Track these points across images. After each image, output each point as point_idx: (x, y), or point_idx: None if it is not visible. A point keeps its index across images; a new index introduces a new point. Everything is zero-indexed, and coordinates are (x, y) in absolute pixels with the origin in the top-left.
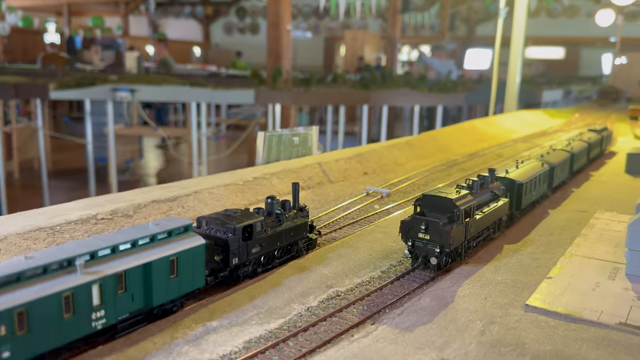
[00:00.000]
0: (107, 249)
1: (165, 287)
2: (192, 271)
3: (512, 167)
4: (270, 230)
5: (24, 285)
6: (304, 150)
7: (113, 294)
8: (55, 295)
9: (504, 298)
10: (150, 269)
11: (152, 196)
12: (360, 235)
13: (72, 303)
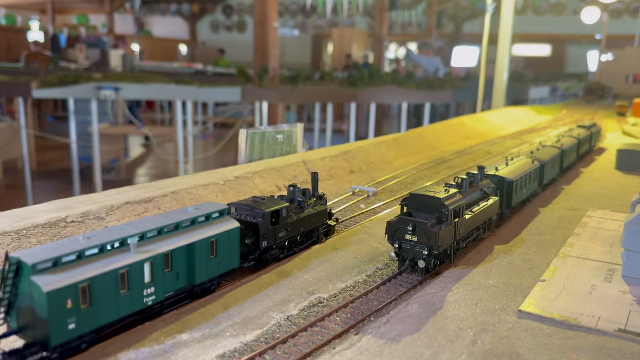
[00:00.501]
0: (154, 231)
1: (206, 266)
2: (229, 252)
3: (502, 164)
4: (294, 216)
5: (85, 263)
6: (289, 148)
7: (161, 272)
8: (113, 272)
9: (495, 303)
10: (193, 249)
11: (126, 197)
12: (345, 236)
13: (127, 280)
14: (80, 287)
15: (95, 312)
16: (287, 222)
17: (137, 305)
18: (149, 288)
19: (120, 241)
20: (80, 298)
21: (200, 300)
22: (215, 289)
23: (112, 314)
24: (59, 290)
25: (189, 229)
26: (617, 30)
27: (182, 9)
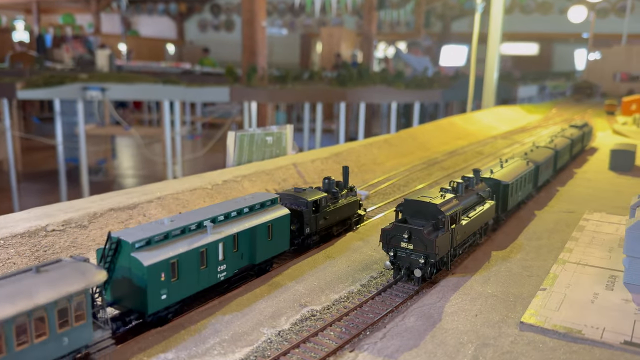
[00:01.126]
0: (222, 216)
1: (264, 247)
2: (282, 236)
3: (497, 166)
4: (331, 205)
5: (171, 242)
6: (278, 151)
7: (231, 251)
8: (195, 250)
9: (496, 314)
10: (255, 232)
11: (110, 203)
12: (337, 243)
13: (205, 257)
14: (171, 262)
15: (182, 285)
16: (325, 210)
17: (212, 280)
18: (222, 265)
19: (198, 224)
20: (170, 272)
21: (184, 315)
22: (270, 269)
23: (194, 287)
24: (156, 265)
25: (249, 215)
26: (604, 29)
27: (170, 8)
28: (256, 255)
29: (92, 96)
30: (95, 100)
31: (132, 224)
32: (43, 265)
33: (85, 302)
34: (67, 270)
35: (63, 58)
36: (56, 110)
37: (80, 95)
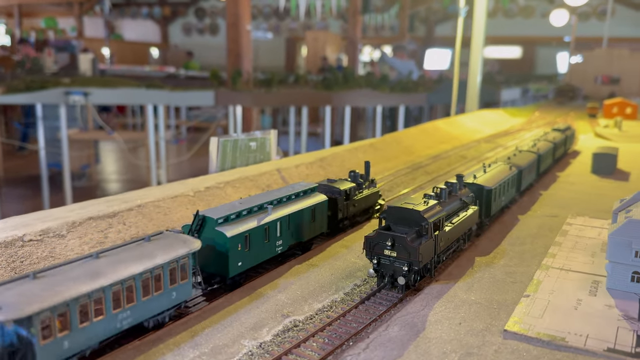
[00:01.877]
0: (276, 200)
1: (308, 228)
2: (321, 219)
3: (480, 171)
4: (358, 194)
5: (243, 220)
6: (262, 156)
7: (286, 229)
8: (262, 226)
9: (480, 322)
10: (302, 214)
11: (89, 212)
12: (321, 251)
13: (268, 233)
14: (245, 235)
15: (252, 254)
16: (354, 199)
17: (272, 253)
18: (279, 240)
19: (260, 206)
20: (244, 243)
21: (165, 328)
22: (312, 248)
23: (260, 257)
24: (235, 237)
25: (296, 200)
26: (585, 33)
27: (154, 12)
28: (303, 234)
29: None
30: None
31: (111, 233)
32: (152, 236)
33: (188, 264)
34: (172, 240)
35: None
36: (38, 115)
37: (62, 99)
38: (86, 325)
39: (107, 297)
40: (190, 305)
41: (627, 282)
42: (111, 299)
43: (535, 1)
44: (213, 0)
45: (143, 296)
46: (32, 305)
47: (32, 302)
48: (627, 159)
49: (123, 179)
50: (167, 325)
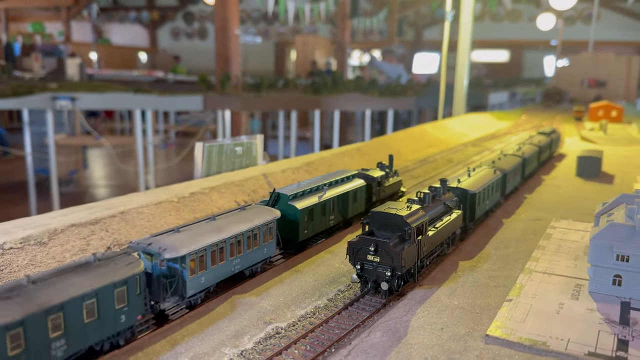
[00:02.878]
0: (329, 183)
1: (351, 207)
2: (361, 200)
3: (464, 175)
4: (386, 181)
5: (307, 197)
6: (248, 161)
7: (337, 207)
8: (321, 203)
9: (462, 327)
10: (348, 195)
11: (71, 219)
12: (305, 256)
13: (326, 209)
14: (309, 209)
15: (313, 225)
16: (384, 185)
17: (327, 225)
18: (332, 215)
19: (318, 187)
20: (309, 215)
21: (144, 337)
22: (352, 224)
23: (318, 228)
24: (304, 209)
25: (342, 184)
26: (572, 36)
27: (142, 16)
28: (348, 212)
29: (61, 106)
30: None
31: (94, 240)
32: (246, 206)
33: (274, 228)
34: (261, 209)
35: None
36: (24, 120)
37: (49, 104)
38: (215, 266)
39: (227, 246)
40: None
41: (609, 286)
42: (229, 249)
43: (522, 5)
44: (202, 5)
45: (247, 249)
46: (184, 248)
47: (183, 247)
48: (612, 161)
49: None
50: (146, 334)
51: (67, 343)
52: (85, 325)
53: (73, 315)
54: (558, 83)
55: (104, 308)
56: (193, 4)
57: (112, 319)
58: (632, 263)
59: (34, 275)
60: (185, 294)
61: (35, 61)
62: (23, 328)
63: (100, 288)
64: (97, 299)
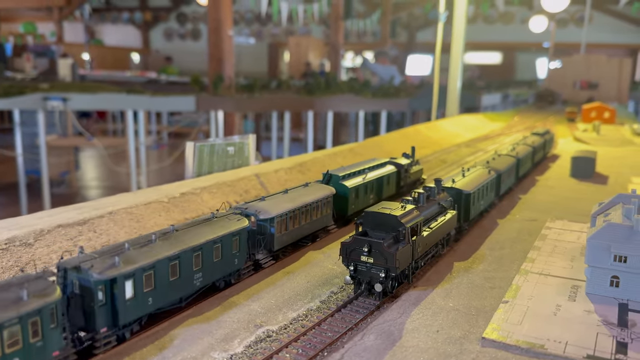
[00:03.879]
0: (368, 167)
1: (385, 189)
2: (392, 184)
3: (459, 175)
4: (410, 169)
5: (353, 178)
6: (240, 161)
7: (375, 188)
8: (364, 184)
9: (457, 330)
10: (383, 179)
11: (58, 219)
12: (297, 257)
13: (367, 189)
14: (356, 188)
15: (358, 202)
16: (409, 172)
17: (368, 203)
18: (371, 194)
19: (360, 170)
20: (355, 194)
21: (131, 340)
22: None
23: (361, 205)
24: (352, 188)
25: (377, 168)
26: (564, 39)
27: (135, 17)
28: (383, 194)
29: (53, 106)
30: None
31: (81, 241)
32: (308, 184)
33: (331, 202)
34: (320, 186)
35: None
36: (15, 121)
37: (40, 105)
38: (296, 227)
39: (299, 214)
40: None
41: (607, 287)
42: (301, 216)
43: (515, 7)
44: (195, 6)
45: (314, 217)
46: (273, 212)
47: (273, 210)
48: (606, 162)
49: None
50: (134, 337)
51: (202, 276)
52: (214, 264)
53: (207, 254)
54: (550, 85)
55: (226, 251)
56: (186, 5)
57: (230, 261)
58: (629, 264)
59: (178, 225)
60: (273, 247)
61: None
62: (178, 260)
63: (224, 235)
64: (222, 244)
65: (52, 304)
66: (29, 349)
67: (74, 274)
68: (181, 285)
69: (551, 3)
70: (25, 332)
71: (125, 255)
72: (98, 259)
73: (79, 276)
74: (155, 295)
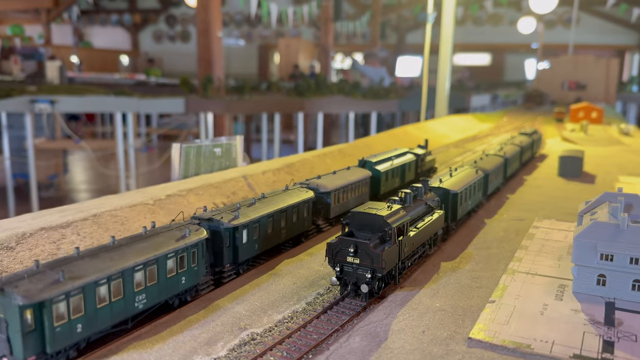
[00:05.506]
0: (394, 155)
1: (407, 175)
2: (411, 170)
3: (446, 175)
4: (425, 158)
5: (383, 163)
6: (228, 162)
7: (400, 173)
8: (392, 168)
9: (444, 330)
10: (405, 166)
11: (41, 222)
12: (283, 259)
13: (394, 173)
14: (386, 172)
15: (388, 184)
16: (424, 161)
17: (394, 185)
18: (397, 179)
19: (388, 158)
20: (386, 176)
21: (111, 345)
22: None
23: (389, 186)
24: (384, 172)
25: (401, 156)
26: (552, 40)
27: (124, 19)
28: (405, 178)
29: (40, 109)
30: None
31: (64, 244)
32: (347, 168)
33: (368, 183)
34: (359, 170)
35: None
36: (2, 124)
37: (28, 108)
38: (344, 200)
39: (348, 190)
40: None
41: (593, 286)
42: (350, 192)
43: (504, 9)
44: (184, 8)
45: (357, 194)
46: (330, 186)
47: (330, 185)
48: (593, 161)
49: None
50: (114, 341)
51: (286, 232)
52: (294, 224)
53: (276, 221)
54: (539, 86)
55: (300, 215)
56: (175, 7)
57: (304, 222)
58: (616, 262)
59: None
60: (329, 215)
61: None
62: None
63: (300, 202)
64: (298, 209)
65: (203, 240)
66: (190, 271)
67: (207, 223)
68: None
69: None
70: (189, 258)
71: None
72: (224, 213)
73: (210, 224)
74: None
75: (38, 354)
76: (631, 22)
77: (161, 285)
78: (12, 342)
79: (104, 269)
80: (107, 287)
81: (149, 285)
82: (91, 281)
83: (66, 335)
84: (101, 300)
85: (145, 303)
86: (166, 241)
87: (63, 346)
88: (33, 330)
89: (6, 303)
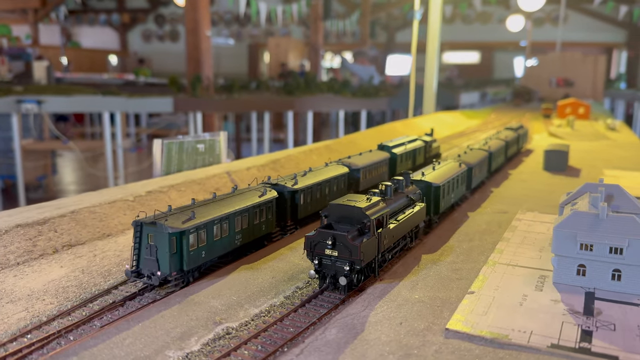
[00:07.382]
0: (408, 140)
1: (417, 159)
2: (421, 155)
3: (429, 169)
4: (432, 144)
5: (399, 147)
6: (212, 159)
7: (412, 156)
8: (407, 152)
9: (421, 322)
10: (416, 151)
11: (17, 219)
12: (262, 253)
13: (407, 156)
14: (401, 155)
15: (402, 165)
16: (431, 147)
17: (407, 167)
18: (409, 161)
19: (403, 143)
20: (401, 160)
21: (82, 341)
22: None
23: (404, 168)
24: (399, 155)
25: (413, 142)
26: (540, 37)
27: (112, 19)
28: (415, 162)
29: (27, 109)
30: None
31: (41, 241)
32: (369, 151)
33: (387, 164)
34: (380, 152)
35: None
36: None
37: (14, 108)
38: (370, 177)
39: (372, 169)
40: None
41: (573, 276)
42: (374, 169)
43: (492, 7)
44: (173, 7)
45: (379, 171)
46: (360, 164)
47: (359, 163)
48: (579, 156)
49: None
50: (87, 337)
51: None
52: (334, 192)
53: (323, 189)
54: (527, 83)
55: (339, 186)
56: (164, 6)
57: (341, 192)
58: (595, 252)
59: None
60: (359, 188)
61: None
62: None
63: (337, 175)
64: (337, 180)
65: (274, 199)
66: (267, 221)
67: (272, 187)
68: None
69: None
70: (267, 211)
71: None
72: (287, 180)
73: (276, 188)
74: None
75: (177, 271)
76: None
77: (250, 229)
78: (160, 262)
79: (217, 213)
80: (220, 226)
81: (244, 228)
82: (211, 220)
83: (196, 258)
84: (216, 235)
85: (241, 241)
86: (252, 197)
87: (193, 266)
88: (175, 253)
89: (157, 233)
